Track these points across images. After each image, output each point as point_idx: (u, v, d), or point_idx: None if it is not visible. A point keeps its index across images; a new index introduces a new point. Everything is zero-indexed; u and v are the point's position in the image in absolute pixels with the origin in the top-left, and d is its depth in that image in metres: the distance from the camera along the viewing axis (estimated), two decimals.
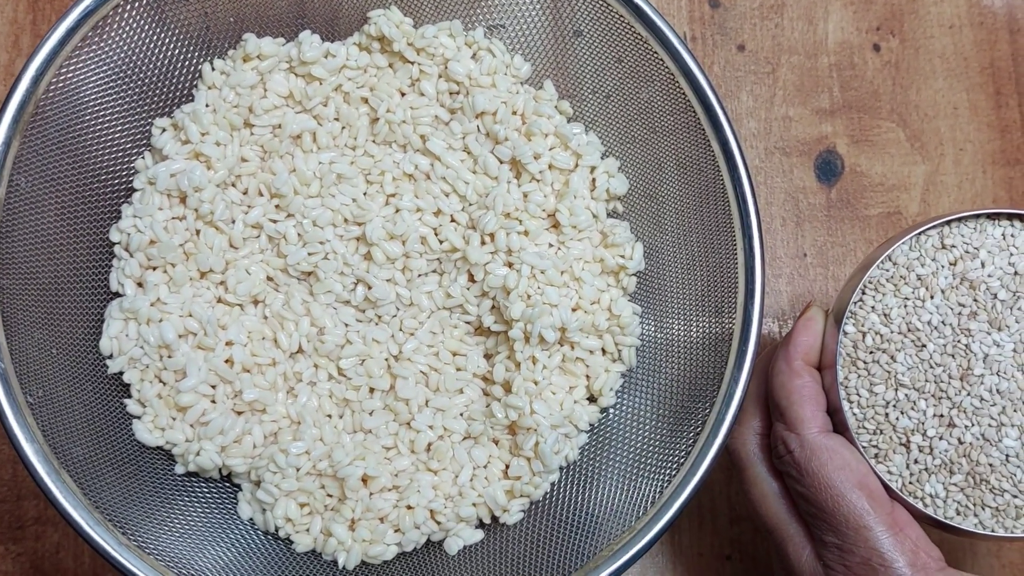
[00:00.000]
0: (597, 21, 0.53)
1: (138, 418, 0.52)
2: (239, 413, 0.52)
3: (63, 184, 0.51)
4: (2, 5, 0.64)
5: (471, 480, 0.53)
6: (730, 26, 0.66)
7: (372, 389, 0.53)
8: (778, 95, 0.65)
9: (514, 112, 0.54)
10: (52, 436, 0.48)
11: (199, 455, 0.51)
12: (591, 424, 0.55)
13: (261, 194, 0.54)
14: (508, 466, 0.53)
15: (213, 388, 0.52)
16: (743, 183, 0.50)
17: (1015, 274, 0.49)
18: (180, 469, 0.52)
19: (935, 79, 0.66)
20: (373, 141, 0.55)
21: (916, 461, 0.49)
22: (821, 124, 0.65)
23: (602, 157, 0.56)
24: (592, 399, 0.55)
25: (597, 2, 0.52)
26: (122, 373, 0.52)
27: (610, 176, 0.55)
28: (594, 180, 0.55)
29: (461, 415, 0.54)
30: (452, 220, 0.54)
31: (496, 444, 0.54)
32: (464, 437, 0.54)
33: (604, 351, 0.55)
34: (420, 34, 0.54)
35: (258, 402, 0.52)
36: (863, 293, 0.50)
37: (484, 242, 0.53)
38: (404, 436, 0.53)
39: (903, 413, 0.49)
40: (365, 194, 0.54)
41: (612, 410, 0.55)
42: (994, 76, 0.66)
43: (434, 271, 0.55)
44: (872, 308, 0.49)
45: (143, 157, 0.53)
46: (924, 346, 0.49)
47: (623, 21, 0.52)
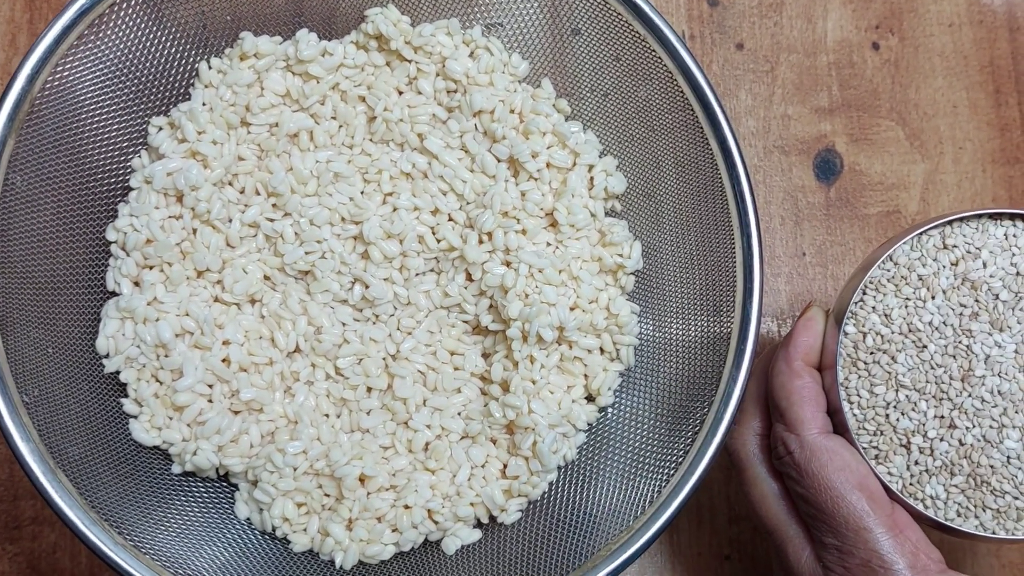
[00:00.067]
0: (595, 19, 0.53)
1: (135, 417, 0.52)
2: (236, 412, 0.52)
3: (59, 183, 0.50)
4: None
5: (469, 480, 0.53)
6: (729, 24, 0.66)
7: (370, 388, 0.53)
8: (777, 94, 0.65)
9: (512, 110, 0.54)
10: (48, 435, 0.47)
11: (196, 455, 0.51)
12: (589, 423, 0.55)
13: (258, 193, 0.53)
14: (506, 465, 0.53)
15: (210, 387, 0.52)
16: (742, 182, 0.50)
17: (1017, 275, 0.49)
18: (177, 469, 0.52)
19: (935, 77, 0.66)
20: (370, 140, 0.55)
21: (916, 462, 0.48)
22: (820, 123, 0.65)
23: (600, 156, 0.56)
24: (590, 398, 0.55)
25: (595, 0, 0.52)
26: (118, 372, 0.52)
27: (608, 175, 0.55)
28: (592, 179, 0.55)
29: (459, 414, 0.54)
30: (450, 219, 0.54)
31: (494, 443, 0.53)
32: (462, 436, 0.53)
33: (602, 350, 0.55)
34: (417, 32, 0.54)
35: (255, 401, 0.52)
36: (864, 293, 0.50)
37: (482, 241, 0.53)
38: (402, 435, 0.53)
39: (904, 414, 0.48)
40: (362, 193, 0.54)
41: (610, 409, 0.55)
42: (994, 74, 0.66)
43: (432, 270, 0.55)
44: (873, 308, 0.49)
45: (139, 156, 0.53)
46: (925, 347, 0.49)
47: (621, 19, 0.52)
